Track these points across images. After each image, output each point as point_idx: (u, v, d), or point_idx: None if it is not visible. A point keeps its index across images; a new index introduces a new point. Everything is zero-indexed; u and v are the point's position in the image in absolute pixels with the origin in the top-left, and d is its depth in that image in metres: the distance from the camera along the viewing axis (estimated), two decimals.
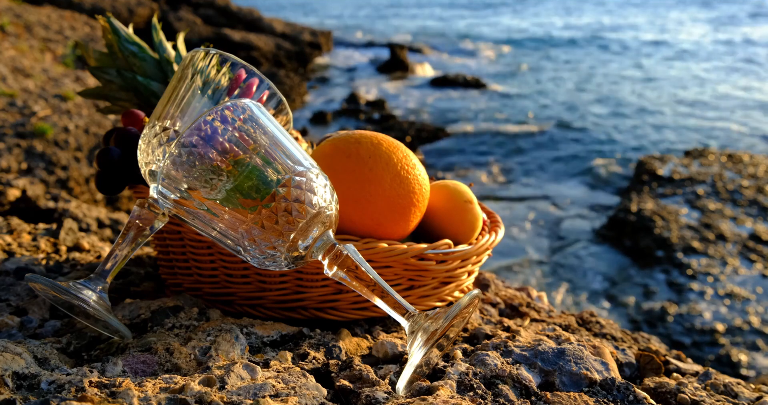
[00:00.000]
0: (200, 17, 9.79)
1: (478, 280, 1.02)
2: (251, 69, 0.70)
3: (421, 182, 0.77)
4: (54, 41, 5.50)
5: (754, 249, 4.15)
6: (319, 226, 0.60)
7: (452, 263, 0.77)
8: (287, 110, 0.74)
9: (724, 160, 5.71)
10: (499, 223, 0.88)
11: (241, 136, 0.57)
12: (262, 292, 0.76)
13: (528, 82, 10.27)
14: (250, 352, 0.66)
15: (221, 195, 0.57)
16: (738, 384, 0.70)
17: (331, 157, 0.75)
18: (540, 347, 0.69)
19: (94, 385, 0.54)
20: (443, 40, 14.81)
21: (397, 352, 0.69)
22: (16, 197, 1.68)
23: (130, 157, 0.77)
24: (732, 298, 3.67)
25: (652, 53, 13.08)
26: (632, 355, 0.76)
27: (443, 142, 6.95)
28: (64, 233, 1.13)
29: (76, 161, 3.10)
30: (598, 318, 0.94)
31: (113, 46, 0.87)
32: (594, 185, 5.75)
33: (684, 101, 8.93)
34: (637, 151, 6.64)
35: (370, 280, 0.61)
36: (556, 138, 7.24)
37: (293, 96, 8.15)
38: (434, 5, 25.91)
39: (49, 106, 3.52)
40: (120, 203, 3.07)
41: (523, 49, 13.61)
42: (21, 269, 0.90)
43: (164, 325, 0.70)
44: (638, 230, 4.40)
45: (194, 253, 0.78)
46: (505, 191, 5.66)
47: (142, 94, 0.87)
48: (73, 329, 0.69)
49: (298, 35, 10.47)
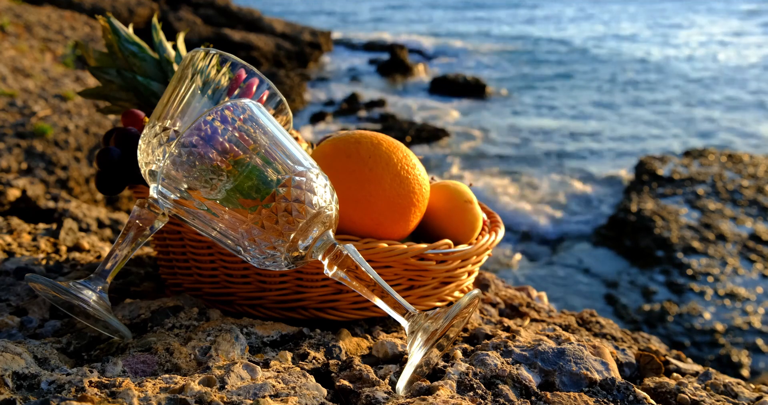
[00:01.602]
0: (200, 17, 9.79)
1: (478, 280, 1.02)
2: (251, 69, 0.70)
3: (421, 182, 0.77)
4: (54, 41, 5.50)
5: (754, 249, 4.15)
6: (319, 226, 0.60)
7: (452, 263, 0.77)
8: (287, 110, 0.74)
9: (724, 160, 5.71)
10: (499, 223, 0.88)
11: (241, 136, 0.57)
12: (262, 292, 0.76)
13: (528, 83, 10.27)
14: (250, 352, 0.66)
15: (221, 195, 0.57)
16: (738, 384, 0.70)
17: (331, 157, 0.75)
18: (540, 347, 0.69)
19: (94, 385, 0.54)
20: (443, 40, 14.80)
21: (397, 352, 0.69)
22: (16, 197, 1.68)
23: (130, 157, 0.77)
24: (732, 298, 3.67)
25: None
26: (632, 355, 0.76)
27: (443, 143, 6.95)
28: (64, 233, 1.13)
29: (76, 161, 3.10)
30: (598, 318, 0.94)
31: (113, 46, 0.87)
32: (594, 185, 5.75)
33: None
34: (639, 151, 6.64)
35: (370, 280, 0.61)
36: (556, 137, 7.24)
37: (293, 96, 8.15)
38: (437, 5, 25.91)
39: (49, 106, 3.52)
40: (120, 203, 3.07)
41: (523, 50, 13.61)
42: (21, 269, 0.90)
43: (164, 325, 0.70)
44: (638, 230, 4.40)
45: (194, 253, 0.78)
46: (505, 190, 5.65)
47: (142, 94, 0.87)
48: (73, 329, 0.69)
49: (298, 35, 10.47)
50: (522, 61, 12.30)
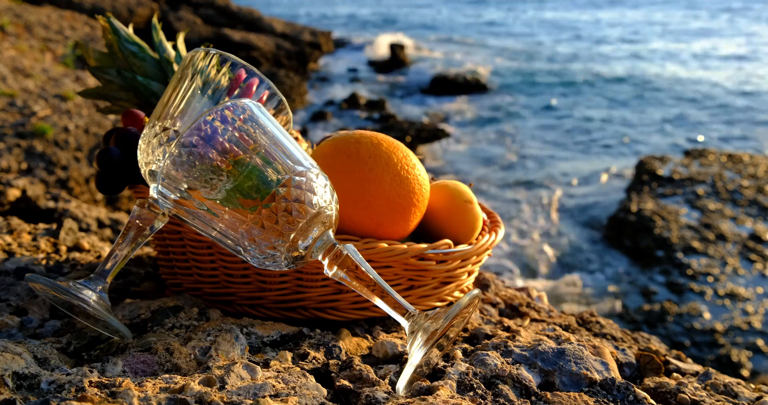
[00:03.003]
0: (200, 17, 9.79)
1: (478, 280, 1.02)
2: (251, 69, 0.70)
3: (421, 182, 0.77)
4: (54, 41, 5.50)
5: (754, 249, 4.15)
6: (319, 226, 0.60)
7: (452, 263, 0.77)
8: (287, 110, 0.74)
9: (724, 160, 5.71)
10: (499, 223, 0.88)
11: (241, 136, 0.57)
12: (262, 292, 0.76)
13: (528, 82, 10.27)
14: (250, 352, 0.66)
15: (221, 195, 0.57)
16: (738, 384, 0.70)
17: (331, 157, 0.75)
18: (540, 347, 0.69)
19: (94, 385, 0.54)
20: (444, 40, 14.80)
21: (397, 352, 0.69)
22: (16, 197, 1.68)
23: (130, 157, 0.77)
24: (732, 298, 3.67)
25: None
26: (632, 355, 0.76)
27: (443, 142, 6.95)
28: (64, 233, 1.13)
29: (76, 161, 3.10)
30: (598, 318, 0.94)
31: (113, 46, 0.87)
32: (594, 185, 5.75)
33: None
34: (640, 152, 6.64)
35: (370, 280, 0.61)
36: (556, 137, 7.24)
37: (293, 96, 8.15)
38: (438, 5, 25.89)
39: (49, 106, 3.52)
40: (120, 203, 3.07)
41: (525, 51, 13.60)
42: (21, 269, 0.90)
43: (164, 325, 0.70)
44: (638, 230, 4.40)
45: (194, 253, 0.78)
46: (506, 189, 5.66)
47: (142, 94, 0.87)
48: (73, 329, 0.69)
49: (298, 35, 10.47)
50: (522, 60, 12.30)
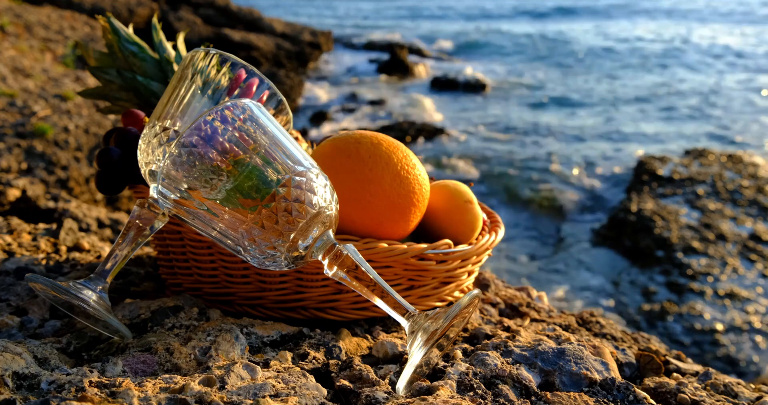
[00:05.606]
0: (200, 17, 9.79)
1: (478, 280, 1.02)
2: (251, 69, 0.70)
3: (421, 182, 0.77)
4: (54, 41, 5.50)
5: (754, 249, 4.15)
6: (319, 226, 0.60)
7: (452, 263, 0.77)
8: (287, 110, 0.74)
9: (724, 160, 5.71)
10: (499, 223, 0.88)
11: (241, 136, 0.57)
12: (262, 292, 0.76)
13: (528, 82, 10.27)
14: (250, 352, 0.66)
15: (221, 195, 0.57)
16: (738, 384, 0.70)
17: (331, 157, 0.75)
18: (540, 347, 0.69)
19: (94, 385, 0.54)
20: (444, 40, 14.80)
21: (397, 352, 0.69)
22: (16, 197, 1.68)
23: (130, 157, 0.77)
24: (732, 298, 3.67)
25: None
26: (632, 355, 0.76)
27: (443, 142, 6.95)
28: (64, 233, 1.13)
29: (76, 161, 3.10)
30: (598, 318, 0.94)
31: (113, 46, 0.87)
32: (594, 185, 5.75)
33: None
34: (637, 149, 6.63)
35: (370, 280, 0.61)
36: (556, 136, 7.24)
37: (293, 96, 8.15)
38: (440, 5, 25.90)
39: (49, 106, 3.52)
40: (120, 203, 3.06)
41: (526, 52, 13.60)
42: (21, 269, 0.90)
43: (164, 325, 0.70)
44: (638, 230, 4.40)
45: (194, 253, 0.78)
46: (506, 189, 5.66)
47: (142, 94, 0.87)
48: (73, 329, 0.69)
49: (298, 35, 10.47)
50: (522, 59, 12.30)
